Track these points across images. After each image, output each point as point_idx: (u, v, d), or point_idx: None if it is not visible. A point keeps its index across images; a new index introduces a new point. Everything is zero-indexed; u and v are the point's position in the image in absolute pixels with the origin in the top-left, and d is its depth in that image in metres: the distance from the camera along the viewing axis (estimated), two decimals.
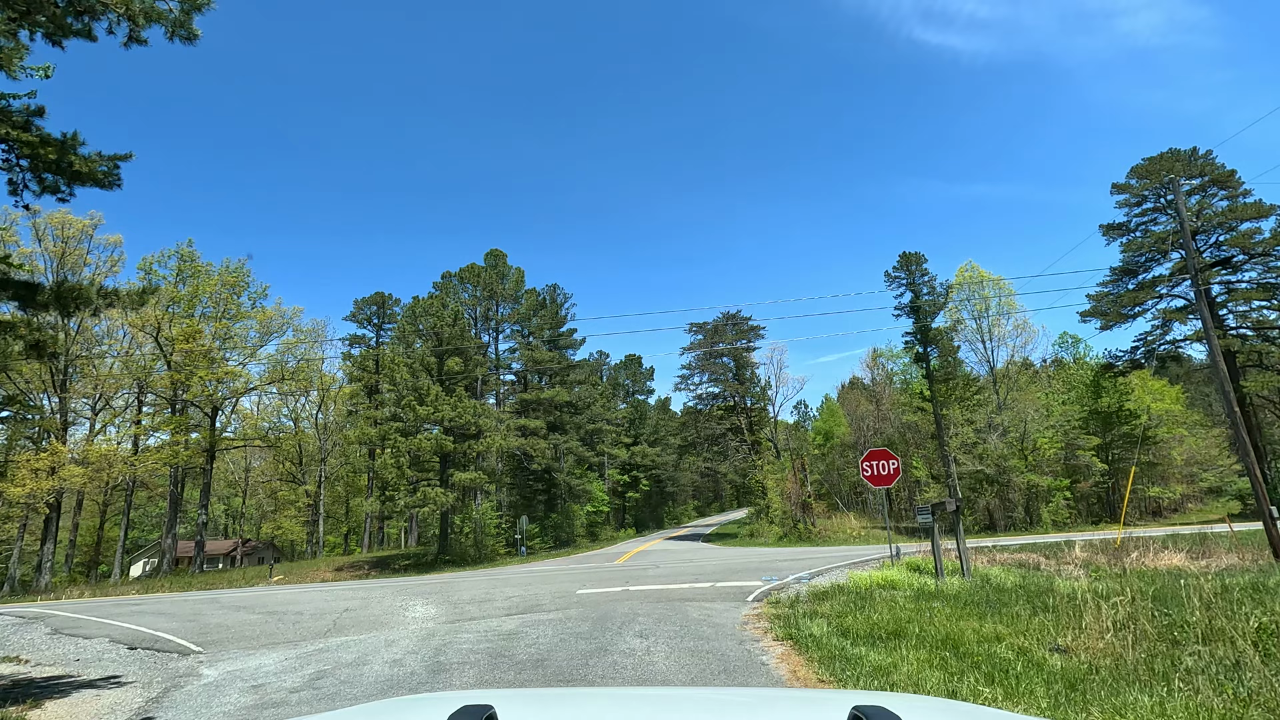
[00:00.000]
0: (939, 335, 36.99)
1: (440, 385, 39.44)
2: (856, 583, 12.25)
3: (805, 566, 17.23)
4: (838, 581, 13.19)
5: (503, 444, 38.21)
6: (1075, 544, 16.10)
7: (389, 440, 35.69)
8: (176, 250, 44.00)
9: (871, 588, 11.80)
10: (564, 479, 49.14)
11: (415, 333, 40.37)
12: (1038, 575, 12.40)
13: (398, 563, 37.64)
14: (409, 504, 35.10)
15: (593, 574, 18.97)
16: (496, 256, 48.62)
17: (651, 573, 17.85)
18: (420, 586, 18.08)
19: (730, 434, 52.15)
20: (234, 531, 74.95)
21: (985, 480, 34.71)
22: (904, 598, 10.54)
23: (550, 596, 13.77)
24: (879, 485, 13.99)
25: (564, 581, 16.86)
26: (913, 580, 12.15)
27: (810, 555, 21.77)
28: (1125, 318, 37.31)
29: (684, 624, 9.86)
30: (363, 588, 19.17)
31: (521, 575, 20.14)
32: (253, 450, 61.40)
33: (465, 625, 11.01)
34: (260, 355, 46.61)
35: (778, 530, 42.30)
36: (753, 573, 16.34)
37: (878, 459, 13.90)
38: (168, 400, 44.54)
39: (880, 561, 16.47)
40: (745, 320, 53.72)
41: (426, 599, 14.77)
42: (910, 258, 38.97)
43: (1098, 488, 37.43)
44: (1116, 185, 40.28)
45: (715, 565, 19.06)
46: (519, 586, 16.15)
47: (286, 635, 11.39)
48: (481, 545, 38.67)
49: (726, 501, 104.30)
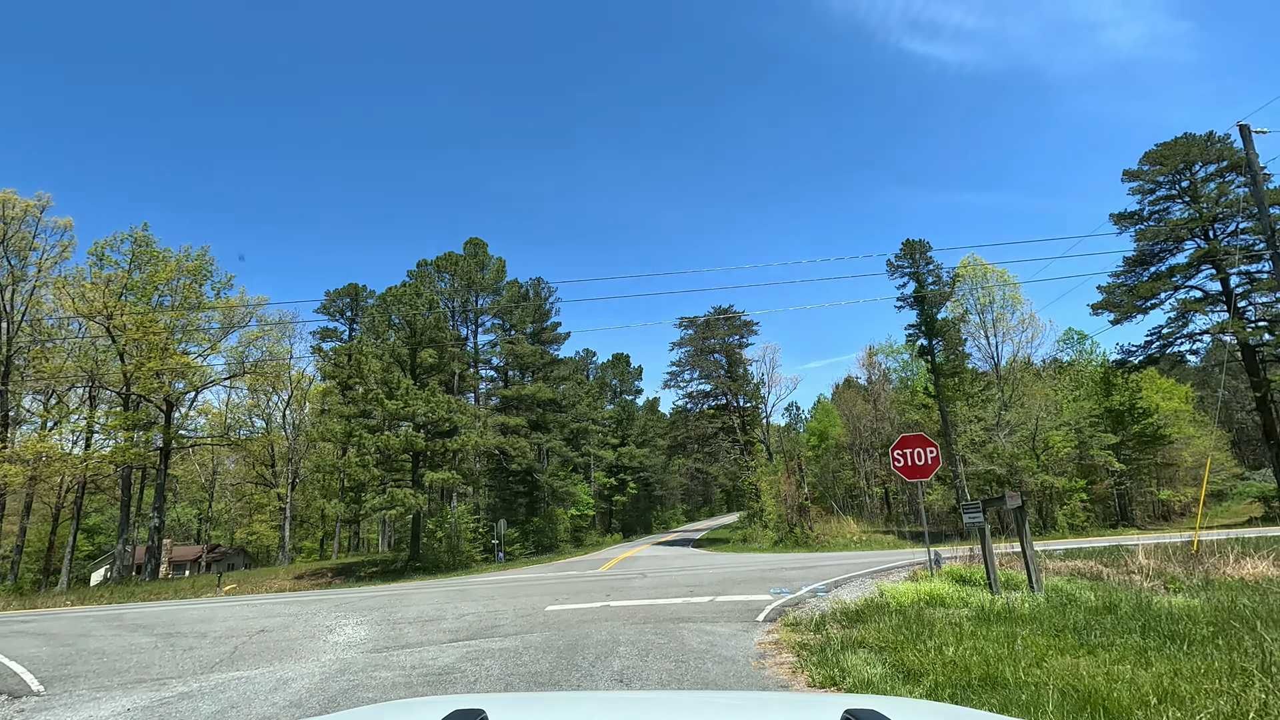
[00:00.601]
0: (946, 326, 34.77)
1: (413, 378, 36.70)
2: (893, 598, 9.78)
3: (817, 576, 14.76)
4: (868, 596, 10.73)
5: (480, 442, 35.50)
6: (1138, 549, 13.72)
7: (355, 437, 32.89)
8: (130, 234, 40.93)
9: (915, 604, 9.34)
10: (547, 481, 46.43)
11: (387, 323, 37.61)
12: (1118, 589, 9.98)
13: (364, 570, 34.78)
14: (376, 506, 32.28)
15: (570, 584, 16.38)
16: (476, 245, 45.93)
17: (638, 584, 15.28)
18: (368, 600, 15.40)
19: (722, 434, 49.67)
20: (206, 536, 71.68)
21: (995, 481, 32.50)
22: (966, 619, 8.08)
23: (512, 615, 11.19)
24: (914, 478, 11.57)
25: (535, 594, 14.27)
26: (963, 594, 9.70)
27: (816, 562, 19.31)
28: (1140, 310, 35.30)
29: (680, 658, 7.34)
30: (303, 601, 16.47)
31: (487, 586, 17.50)
32: (224, 451, 58.25)
33: (393, 657, 8.42)
34: (222, 348, 43.59)
35: (772, 535, 39.86)
36: (757, 584, 13.84)
37: (912, 446, 11.48)
38: (121, 396, 41.47)
39: (909, 570, 14.04)
40: (737, 316, 51.36)
41: (364, 617, 12.14)
42: (914, 245, 36.79)
43: (1115, 489, 35.34)
44: (1128, 172, 38.37)
45: (712, 574, 16.52)
46: (479, 600, 13.54)
47: (165, 669, 8.75)
48: (456, 551, 35.90)
49: (716, 506, 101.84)
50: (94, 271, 39.46)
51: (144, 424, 40.60)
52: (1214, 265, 35.03)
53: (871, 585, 12.39)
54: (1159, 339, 36.70)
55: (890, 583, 12.19)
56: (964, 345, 35.45)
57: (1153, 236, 35.97)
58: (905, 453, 11.52)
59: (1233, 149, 35.74)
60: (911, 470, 11.49)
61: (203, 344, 42.32)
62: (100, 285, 38.82)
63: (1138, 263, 36.97)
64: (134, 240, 41.01)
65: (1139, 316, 37.32)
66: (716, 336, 49.96)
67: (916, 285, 36.21)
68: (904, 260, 36.90)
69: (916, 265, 36.54)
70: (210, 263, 44.63)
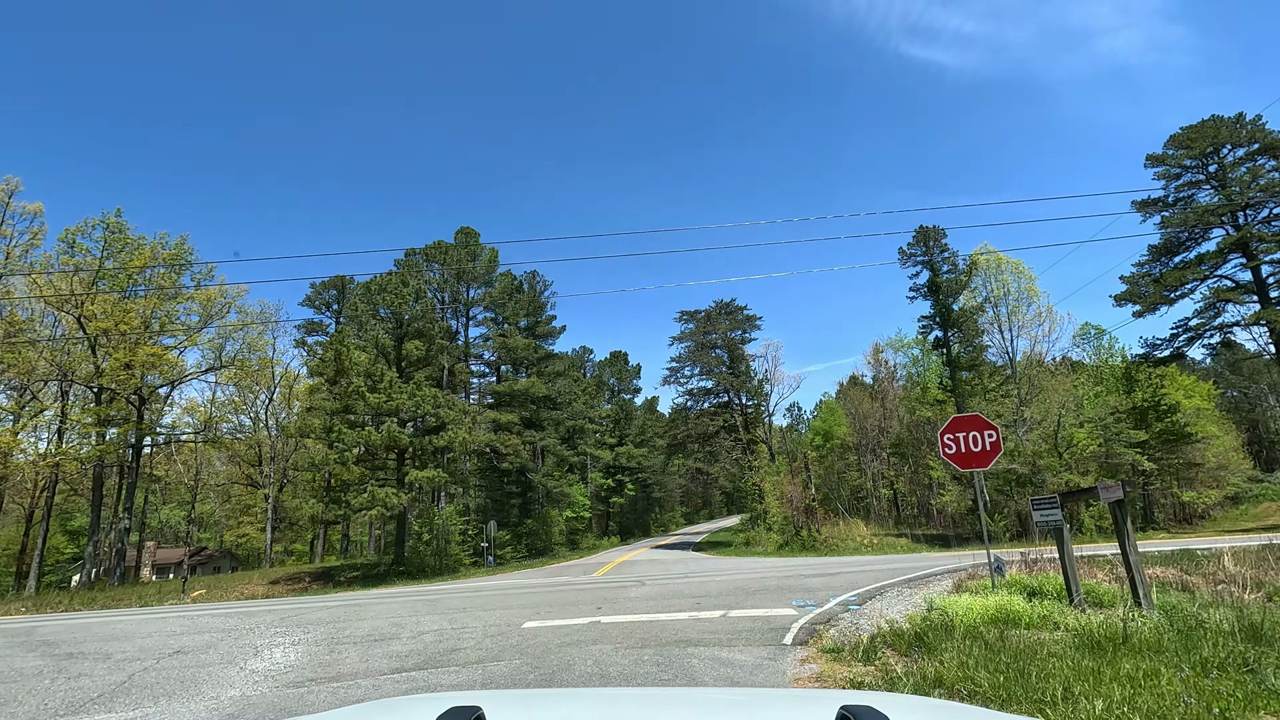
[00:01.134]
0: (963, 317, 32.79)
1: (398, 372, 34.68)
2: (954, 615, 7.77)
3: (842, 585, 12.74)
4: (919, 612, 8.73)
5: (469, 439, 33.44)
6: (1223, 554, 11.73)
7: (335, 433, 30.82)
8: (103, 220, 38.93)
9: (985, 624, 7.34)
10: (540, 481, 44.38)
11: (371, 314, 35.58)
12: (1226, 605, 7.97)
13: (344, 574, 32.68)
14: (357, 506, 30.20)
15: (558, 594, 14.34)
16: (468, 234, 43.93)
17: (635, 594, 13.25)
18: (323, 611, 13.35)
19: (723, 432, 47.63)
20: (191, 539, 69.67)
21: (1016, 481, 30.50)
22: (1069, 647, 6.08)
23: (480, 634, 9.16)
24: (968, 467, 9.56)
25: (514, 606, 12.24)
26: (1042, 611, 7.69)
27: (832, 568, 17.28)
28: (1168, 300, 33.34)
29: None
30: (251, 612, 14.41)
31: (464, 595, 15.44)
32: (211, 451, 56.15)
33: (312, 694, 6.40)
34: (201, 341, 41.47)
35: (777, 538, 37.83)
36: (774, 594, 11.82)
37: (966, 429, 9.49)
38: (93, 391, 39.43)
39: (951, 577, 12.03)
40: (740, 309, 49.39)
41: (306, 634, 10.11)
42: (928, 232, 34.86)
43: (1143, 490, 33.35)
44: (1152, 157, 36.47)
45: (719, 582, 14.48)
46: (447, 614, 11.50)
47: (23, 708, 6.74)
48: (444, 554, 33.82)
49: (716, 508, 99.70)
50: (63, 259, 37.45)
51: (114, 420, 38.53)
52: (1245, 253, 33.12)
53: (914, 597, 10.37)
54: (1186, 331, 34.75)
55: (936, 593, 10.19)
56: (982, 337, 33.46)
57: (1180, 223, 34.02)
58: (958, 438, 9.52)
59: (1265, 131, 33.87)
60: (966, 458, 9.48)
61: (178, 336, 40.24)
62: (69, 273, 36.84)
63: (1164, 251, 35.03)
64: (106, 227, 39.02)
65: (1163, 309, 35.38)
66: (718, 331, 47.96)
67: (930, 274, 34.27)
68: (917, 248, 34.98)
69: (930, 253, 34.62)
70: (189, 252, 42.62)
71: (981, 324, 33.86)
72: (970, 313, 32.97)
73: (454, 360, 40.53)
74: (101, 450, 36.72)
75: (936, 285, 33.70)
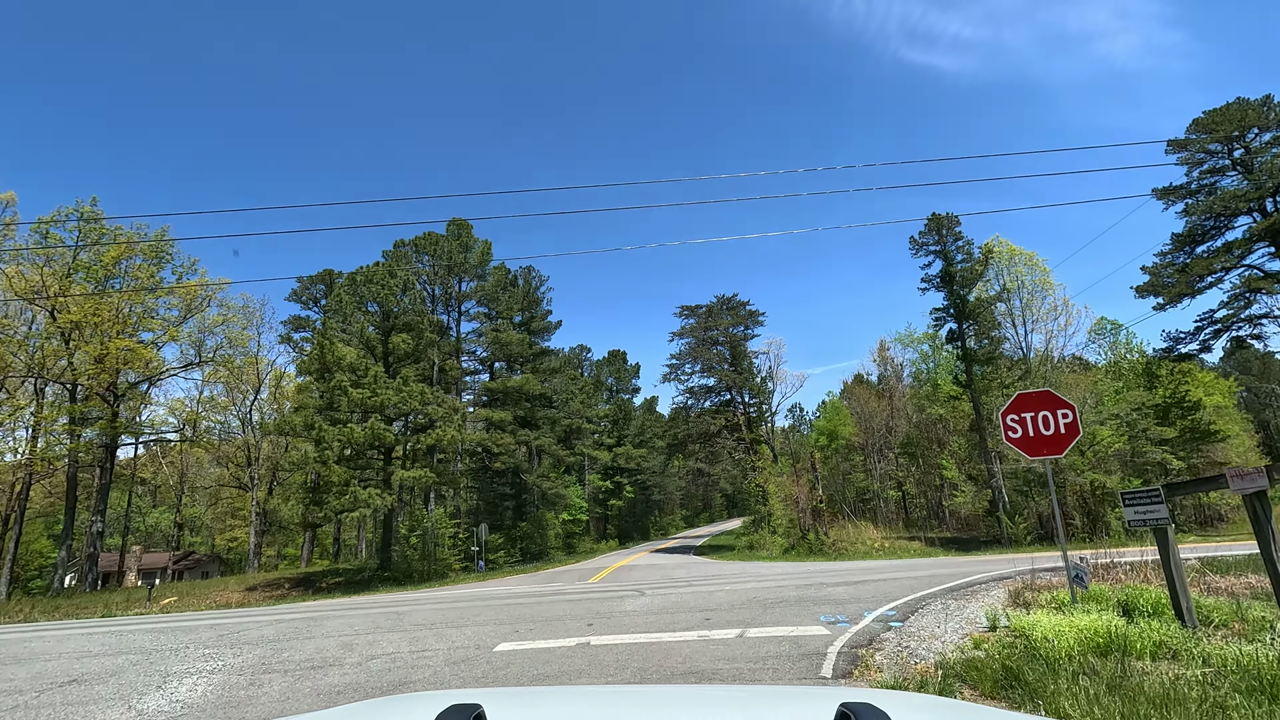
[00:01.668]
0: (979, 307, 31.07)
1: (384, 366, 32.97)
2: (1037, 639, 6.06)
3: (871, 595, 11.02)
4: (984, 634, 7.02)
5: (458, 436, 31.72)
6: None
7: (315, 430, 29.08)
8: (77, 209, 37.20)
9: (1083, 651, 5.64)
10: (535, 482, 42.61)
11: (356, 306, 33.86)
12: None
13: (326, 580, 30.91)
14: (338, 508, 28.46)
15: (546, 606, 12.61)
16: (460, 226, 42.21)
17: (633, 606, 11.51)
18: (269, 628, 11.59)
19: (725, 432, 45.92)
20: (178, 543, 67.91)
21: (1038, 480, 28.78)
22: (1228, 691, 4.38)
23: (442, 661, 7.43)
24: (1037, 454, 7.86)
25: (493, 621, 10.51)
26: (1151, 635, 5.97)
27: (853, 574, 15.55)
28: (1194, 290, 31.72)
29: None
30: (188, 628, 12.64)
31: (438, 607, 13.68)
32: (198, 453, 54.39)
33: None
34: (181, 335, 39.69)
35: (782, 542, 36.07)
36: (795, 607, 10.10)
37: (1035, 409, 7.79)
38: (68, 389, 37.69)
39: (1000, 585, 10.30)
40: (743, 305, 47.76)
41: (235, 657, 8.39)
42: (941, 220, 33.21)
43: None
44: (1174, 142, 34.86)
45: (728, 592, 12.74)
46: (411, 632, 9.76)
47: None
48: (433, 559, 31.98)
49: (717, 511, 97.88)
50: (34, 249, 35.75)
51: (89, 418, 36.79)
52: (1274, 241, 31.54)
53: (966, 611, 8.66)
54: (1212, 323, 33.14)
55: (988, 605, 8.48)
56: (999, 328, 31.80)
57: (1206, 210, 32.42)
58: (1023, 419, 7.83)
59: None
60: (1035, 443, 7.79)
61: (156, 330, 38.48)
62: (40, 265, 35.16)
63: (1188, 240, 33.43)
64: (81, 216, 37.29)
65: (1186, 301, 33.80)
66: (719, 327, 46.30)
67: (944, 264, 32.59)
68: (929, 236, 33.31)
69: (943, 241, 32.95)
70: (170, 245, 40.96)
71: (996, 315, 32.20)
72: (987, 303, 31.30)
73: (445, 356, 38.81)
74: (72, 450, 34.98)
75: (950, 275, 32.04)
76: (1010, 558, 19.64)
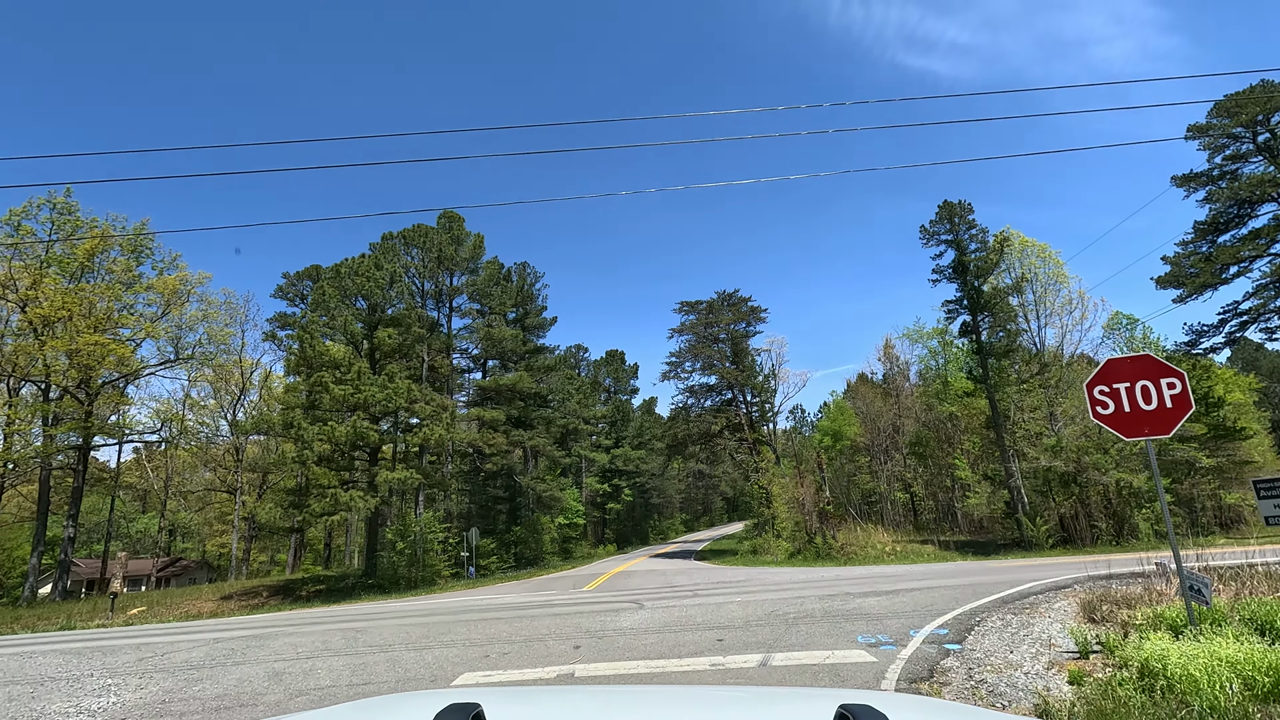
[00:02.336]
0: (995, 298, 29.54)
1: (370, 363, 31.36)
2: (1175, 674, 4.47)
3: (910, 608, 9.40)
4: (1083, 665, 5.42)
5: (445, 435, 30.08)
6: None
7: (294, 428, 27.45)
8: (49, 200, 35.64)
9: (1247, 700, 4.05)
10: (530, 484, 40.96)
11: (340, 299, 32.24)
12: None
13: (306, 588, 29.21)
14: (317, 511, 26.80)
15: (530, 621, 10.97)
16: (451, 219, 40.61)
17: (630, 622, 9.87)
18: (201, 650, 9.94)
19: (727, 432, 44.31)
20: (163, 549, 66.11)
21: (1059, 480, 27.21)
22: None
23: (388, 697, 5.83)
24: (1137, 433, 6.26)
25: (463, 641, 8.88)
26: None
27: (880, 583, 13.93)
28: (1221, 279, 30.23)
29: None
30: (112, 647, 10.96)
31: (404, 622, 12.01)
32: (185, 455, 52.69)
33: None
34: (158, 332, 38.03)
35: (787, 546, 34.48)
36: (825, 624, 8.49)
37: (1132, 377, 6.21)
38: (41, 389, 36.04)
39: (1065, 597, 8.70)
40: (744, 301, 46.20)
41: (135, 691, 6.77)
42: (953, 208, 31.73)
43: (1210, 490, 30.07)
44: (1194, 127, 33.36)
45: (741, 604, 11.11)
46: (361, 656, 8.13)
47: None
48: (420, 565, 30.29)
49: (717, 515, 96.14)
50: (3, 241, 34.15)
51: (62, 418, 35.11)
52: None
53: (1036, 629, 7.05)
54: (1237, 315, 31.62)
55: (1060, 620, 6.89)
56: (1016, 320, 30.26)
57: (1231, 196, 30.94)
58: (1115, 391, 6.25)
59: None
60: (1132, 420, 6.20)
61: (131, 326, 36.83)
62: (9, 257, 33.58)
63: (1212, 228, 31.94)
64: (53, 207, 35.75)
65: (1208, 293, 32.31)
66: (721, 323, 44.72)
67: (957, 253, 31.08)
68: (941, 225, 31.81)
69: (956, 230, 31.45)
70: (150, 239, 39.42)
71: (1014, 305, 30.68)
72: (1003, 293, 29.76)
73: (435, 354, 37.21)
74: (44, 452, 33.31)
75: (964, 265, 30.53)
76: (1037, 563, 18.05)
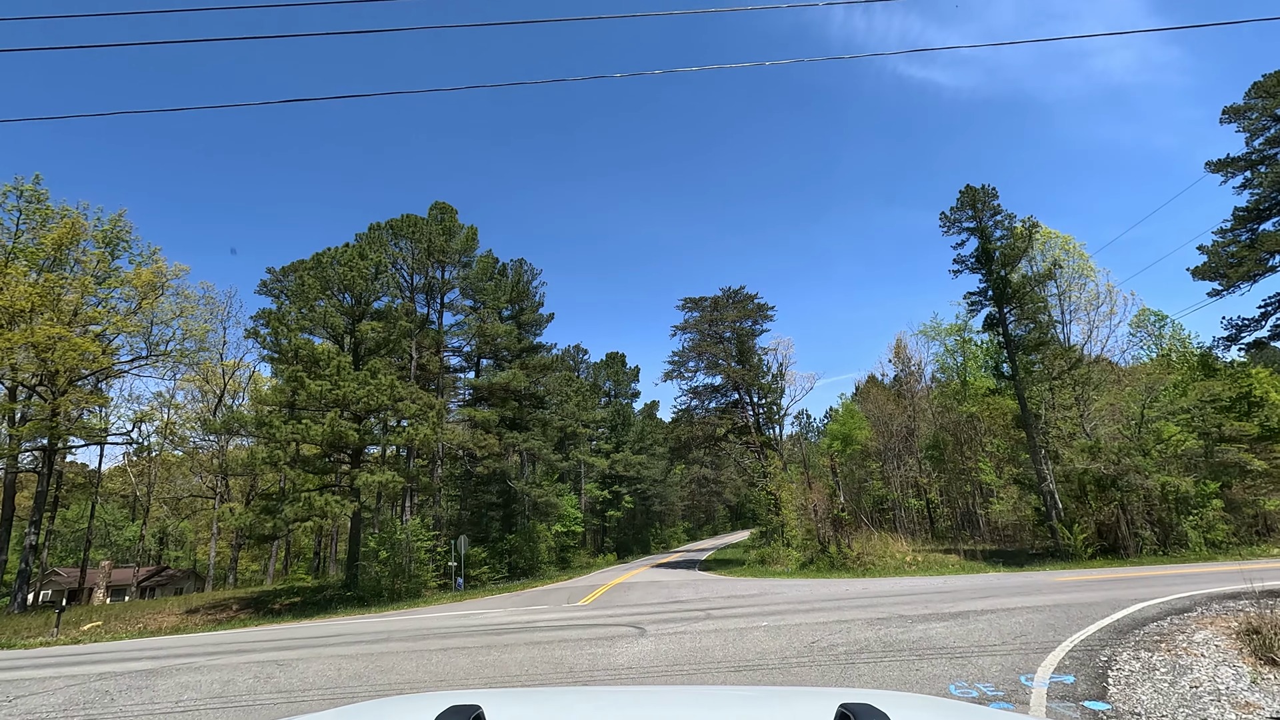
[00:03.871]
0: (1024, 287, 27.43)
1: (353, 358, 29.27)
2: None
3: (996, 640, 7.22)
4: None
5: (431, 435, 27.94)
6: None
7: (266, 427, 25.32)
8: (17, 187, 33.66)
9: None
10: (525, 490, 38.73)
11: (321, 289, 30.17)
12: None
13: (280, 601, 26.97)
14: (290, 517, 24.63)
15: (503, 650, 8.79)
16: (443, 210, 38.67)
17: (626, 658, 7.65)
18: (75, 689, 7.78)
19: (732, 434, 42.12)
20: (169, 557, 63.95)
21: (1096, 483, 24.98)
22: None
23: None
24: None
25: (408, 682, 6.70)
26: None
27: (924, 600, 11.73)
28: (1267, 267, 28.13)
29: None
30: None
31: (343, 653, 9.79)
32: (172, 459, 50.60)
33: None
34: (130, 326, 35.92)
35: (798, 555, 32.25)
36: (890, 662, 6.32)
37: None
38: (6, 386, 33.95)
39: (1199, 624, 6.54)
40: (751, 298, 44.10)
41: None
42: (976, 193, 29.69)
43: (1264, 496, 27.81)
44: (1230, 109, 31.34)
45: (767, 631, 8.90)
46: (259, 710, 5.95)
47: None
48: (404, 575, 28.06)
49: (720, 523, 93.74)
50: None
51: (27, 417, 33.03)
52: None
53: (1198, 672, 4.88)
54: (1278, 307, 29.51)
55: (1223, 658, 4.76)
56: (1049, 310, 28.17)
57: (1274, 182, 28.89)
58: None
59: None
60: None
61: (103, 321, 34.75)
62: None
63: (1253, 215, 29.87)
64: (21, 194, 33.74)
65: (1246, 286, 30.27)
66: (726, 320, 42.62)
67: (981, 241, 29.01)
68: (963, 211, 29.77)
69: (979, 216, 29.39)
70: (128, 231, 37.54)
71: (1044, 295, 28.59)
72: (1034, 281, 27.64)
73: (425, 351, 35.13)
74: (7, 453, 31.18)
75: (988, 253, 28.44)
76: (1096, 576, 15.88)
